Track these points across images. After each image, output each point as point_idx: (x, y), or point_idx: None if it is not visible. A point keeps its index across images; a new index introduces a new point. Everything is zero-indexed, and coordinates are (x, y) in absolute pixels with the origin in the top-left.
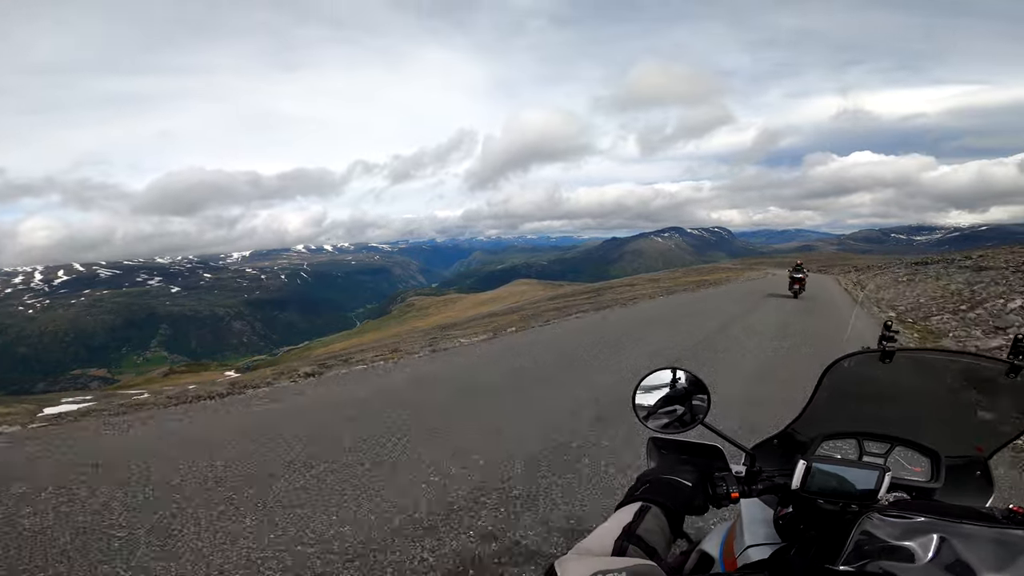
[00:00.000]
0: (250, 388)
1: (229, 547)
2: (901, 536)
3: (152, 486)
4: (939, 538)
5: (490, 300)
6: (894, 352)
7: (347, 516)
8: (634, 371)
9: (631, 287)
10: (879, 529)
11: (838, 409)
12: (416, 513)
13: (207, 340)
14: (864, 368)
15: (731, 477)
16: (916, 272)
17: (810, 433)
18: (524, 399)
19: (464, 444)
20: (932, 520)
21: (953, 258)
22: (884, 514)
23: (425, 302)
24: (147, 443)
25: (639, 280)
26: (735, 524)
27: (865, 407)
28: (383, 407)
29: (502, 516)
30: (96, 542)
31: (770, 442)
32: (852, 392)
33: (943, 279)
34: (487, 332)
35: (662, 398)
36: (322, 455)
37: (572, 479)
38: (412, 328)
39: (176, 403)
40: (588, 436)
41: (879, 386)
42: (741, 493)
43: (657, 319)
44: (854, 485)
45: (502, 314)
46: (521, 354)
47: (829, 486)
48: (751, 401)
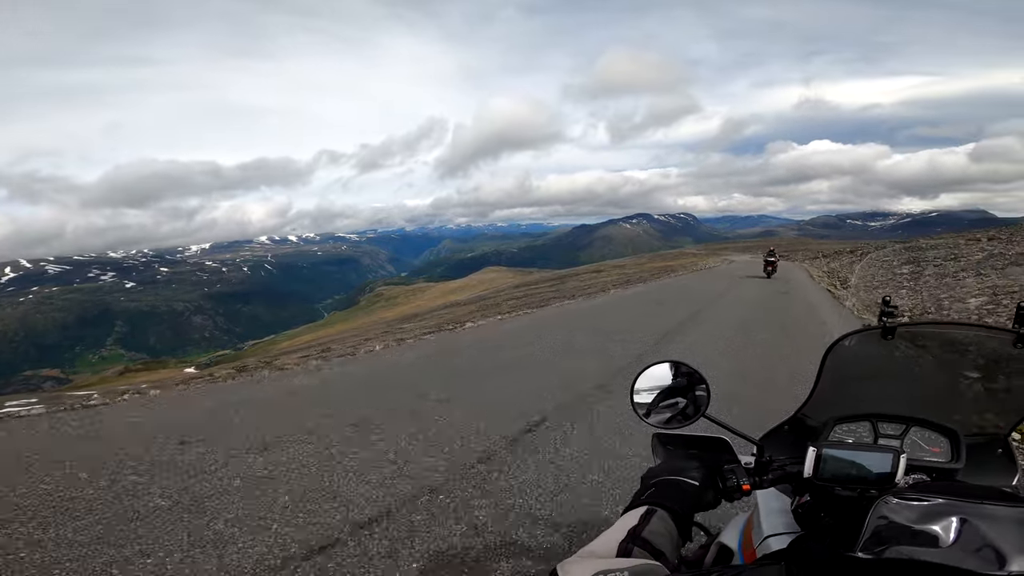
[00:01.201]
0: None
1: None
2: (920, 520)
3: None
4: (960, 520)
5: (459, 288)
6: (895, 328)
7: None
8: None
9: (597, 273)
10: (896, 513)
11: (847, 391)
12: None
13: (166, 336)
14: (867, 347)
15: (740, 469)
16: (920, 262)
17: (821, 418)
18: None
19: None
20: (952, 502)
21: (957, 243)
22: (901, 497)
23: (394, 292)
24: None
25: (605, 267)
26: (752, 515)
27: (875, 387)
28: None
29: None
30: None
31: (780, 429)
32: (859, 373)
33: (987, 275)
34: (428, 330)
35: (661, 393)
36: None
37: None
38: (379, 319)
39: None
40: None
41: (886, 365)
42: (752, 485)
43: (613, 324)
44: (869, 469)
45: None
46: (421, 374)
47: (843, 472)
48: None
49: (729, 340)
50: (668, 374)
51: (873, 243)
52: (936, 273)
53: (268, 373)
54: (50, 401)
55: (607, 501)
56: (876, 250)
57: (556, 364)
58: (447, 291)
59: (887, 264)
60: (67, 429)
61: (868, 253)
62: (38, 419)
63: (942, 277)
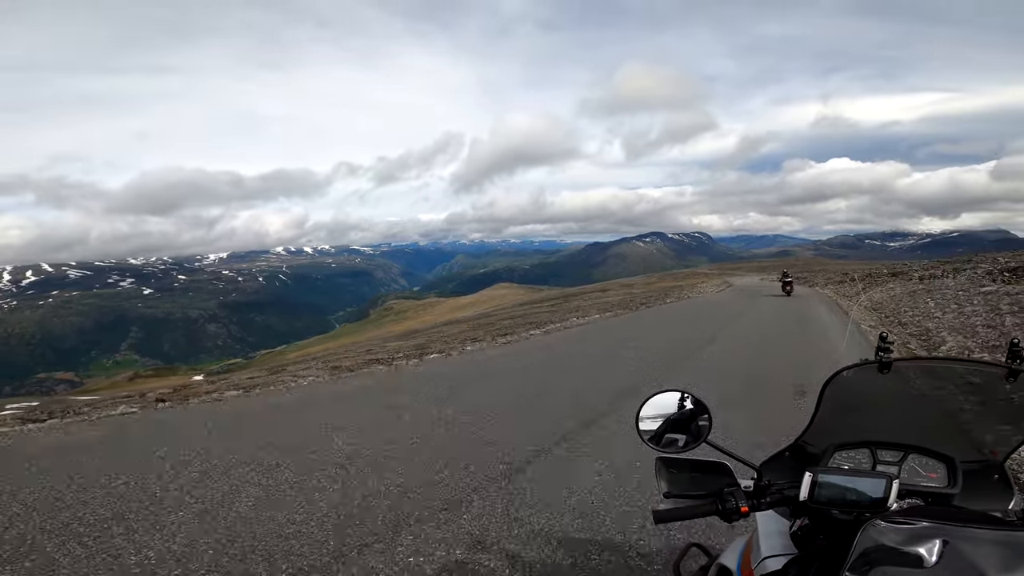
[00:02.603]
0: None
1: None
2: (905, 542)
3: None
4: (943, 542)
5: (468, 304)
6: (891, 363)
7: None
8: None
9: (603, 292)
10: (883, 536)
11: (846, 420)
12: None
13: (180, 343)
14: (865, 380)
15: (740, 492)
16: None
17: (821, 444)
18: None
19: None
20: (936, 525)
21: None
22: (888, 521)
23: (404, 306)
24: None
25: (612, 285)
26: (752, 537)
27: (873, 416)
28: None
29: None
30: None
31: (782, 455)
32: (857, 403)
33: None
34: (407, 354)
35: (665, 420)
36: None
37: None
38: (387, 332)
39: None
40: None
41: (884, 396)
42: (751, 507)
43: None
44: (863, 494)
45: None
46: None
47: (837, 496)
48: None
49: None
50: (672, 402)
51: (918, 263)
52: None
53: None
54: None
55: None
56: (944, 276)
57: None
58: (456, 307)
59: (978, 300)
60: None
61: (916, 275)
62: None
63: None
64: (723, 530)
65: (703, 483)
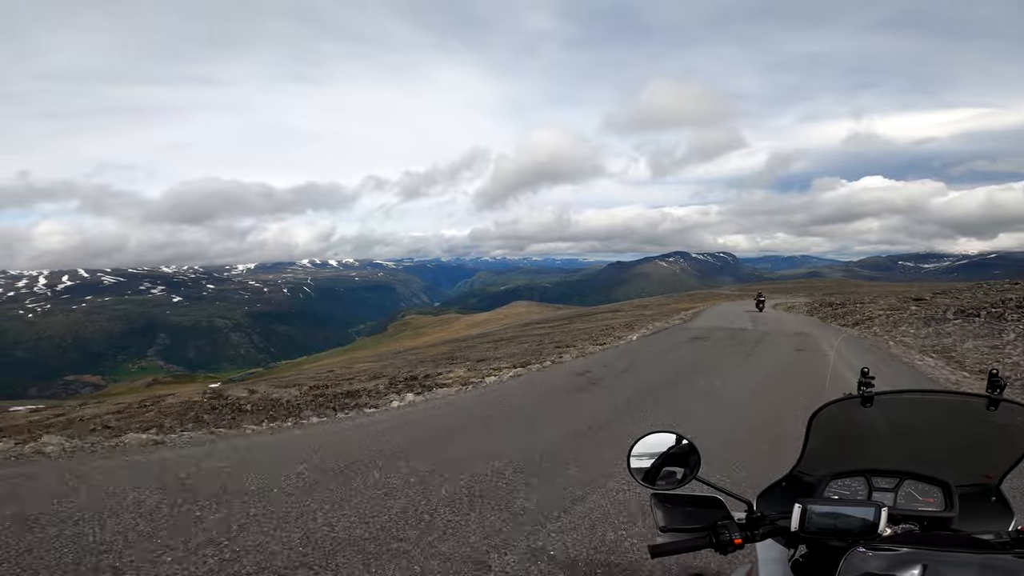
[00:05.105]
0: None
1: None
2: (888, 568)
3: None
4: (923, 567)
5: (484, 321)
6: (872, 397)
7: None
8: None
9: (614, 313)
10: (866, 563)
11: (838, 450)
12: None
13: (204, 351)
14: (849, 414)
15: (733, 524)
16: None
17: (817, 474)
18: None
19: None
20: (916, 551)
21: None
22: (869, 548)
23: (422, 321)
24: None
25: (625, 307)
26: (752, 568)
27: (865, 445)
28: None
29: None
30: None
31: (778, 485)
32: (847, 434)
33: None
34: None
35: (656, 459)
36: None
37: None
38: (401, 347)
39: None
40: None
41: (871, 427)
42: (744, 539)
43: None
44: (853, 521)
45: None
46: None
47: (828, 525)
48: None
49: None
50: (661, 442)
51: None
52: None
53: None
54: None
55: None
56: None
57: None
58: (472, 323)
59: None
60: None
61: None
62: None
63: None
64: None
65: (697, 517)
